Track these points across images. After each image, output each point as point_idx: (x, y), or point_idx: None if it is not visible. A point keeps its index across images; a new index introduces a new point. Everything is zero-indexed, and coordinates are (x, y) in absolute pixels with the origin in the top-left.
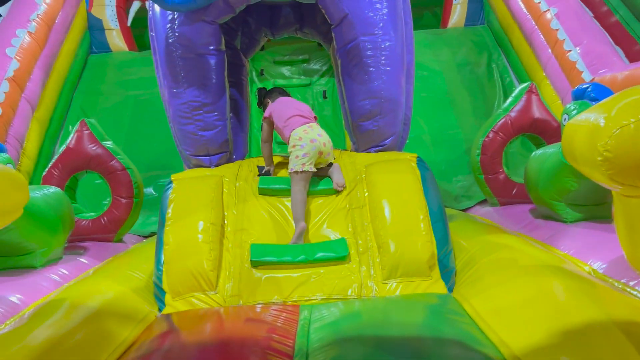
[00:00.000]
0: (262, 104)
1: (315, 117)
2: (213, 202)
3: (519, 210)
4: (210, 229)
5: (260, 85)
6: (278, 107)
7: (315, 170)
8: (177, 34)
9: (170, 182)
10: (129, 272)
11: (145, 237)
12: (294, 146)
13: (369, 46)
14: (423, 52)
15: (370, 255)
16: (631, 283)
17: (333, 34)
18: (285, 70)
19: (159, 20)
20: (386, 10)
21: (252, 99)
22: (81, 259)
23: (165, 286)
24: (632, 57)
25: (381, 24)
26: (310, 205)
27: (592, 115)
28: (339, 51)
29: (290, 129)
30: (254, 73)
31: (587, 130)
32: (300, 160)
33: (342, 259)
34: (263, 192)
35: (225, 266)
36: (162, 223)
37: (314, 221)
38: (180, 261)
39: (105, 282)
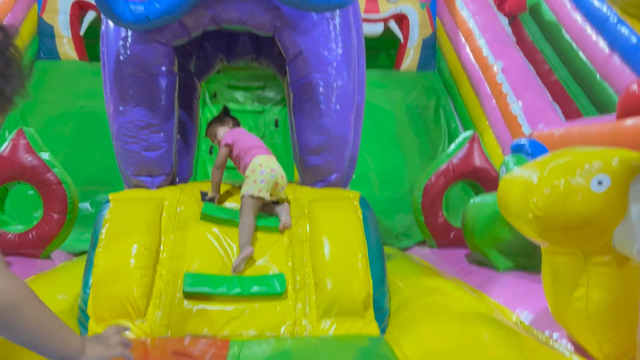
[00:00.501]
0: (211, 133)
1: (271, 153)
2: (150, 225)
3: (455, 254)
4: (144, 253)
5: (213, 109)
6: (238, 135)
7: (268, 199)
8: (128, 52)
9: (108, 201)
10: (52, 294)
11: (76, 255)
12: (253, 171)
13: (321, 84)
14: (375, 92)
15: (307, 292)
16: (554, 336)
17: (287, 68)
18: (239, 95)
19: (111, 35)
20: (341, 50)
21: (204, 123)
22: None
23: (90, 311)
24: (568, 115)
25: (335, 64)
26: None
27: (527, 172)
28: (292, 85)
29: (252, 156)
30: (206, 95)
31: (521, 186)
32: (258, 185)
33: (278, 295)
34: (205, 218)
35: (157, 294)
36: (94, 243)
37: (253, 254)
38: (108, 285)
39: None
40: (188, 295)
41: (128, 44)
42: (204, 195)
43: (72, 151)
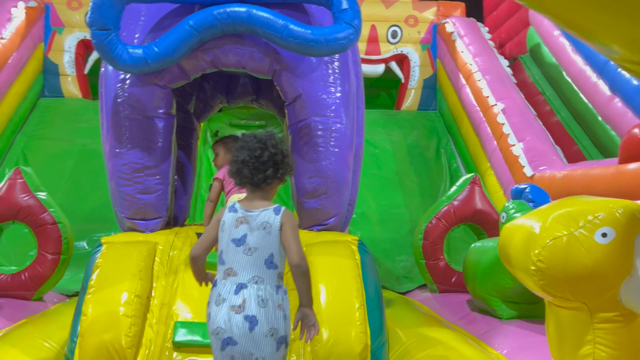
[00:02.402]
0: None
1: None
2: (142, 272)
3: (457, 299)
4: (135, 301)
5: None
6: None
7: None
8: (126, 94)
9: (100, 244)
10: (39, 341)
11: (69, 296)
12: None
13: (319, 127)
14: (376, 131)
15: (302, 343)
16: None
17: (286, 111)
18: (240, 134)
19: (110, 77)
20: (339, 94)
21: (206, 162)
22: None
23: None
24: (570, 157)
25: (333, 107)
26: None
27: (529, 222)
28: (290, 128)
29: (230, 194)
30: (208, 133)
31: (523, 236)
32: None
33: None
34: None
35: (146, 344)
36: (84, 289)
37: None
38: (96, 335)
39: (11, 352)
40: (178, 345)
41: (126, 86)
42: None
43: (71, 188)
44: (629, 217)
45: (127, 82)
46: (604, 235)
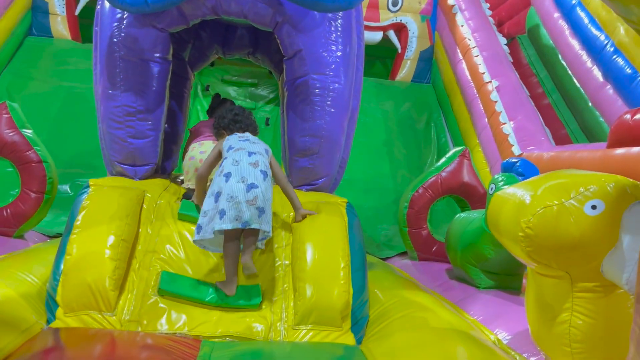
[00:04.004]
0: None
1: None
2: (129, 217)
3: (436, 267)
4: (120, 245)
5: (204, 102)
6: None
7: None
8: (122, 34)
9: (87, 186)
10: (20, 275)
11: (50, 237)
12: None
13: (317, 85)
14: (368, 100)
15: (284, 298)
16: (532, 359)
17: (284, 65)
18: (232, 90)
19: (106, 15)
20: (340, 53)
21: (194, 114)
22: None
23: (59, 298)
24: (557, 140)
25: (333, 66)
26: None
27: (519, 191)
28: (287, 84)
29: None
30: (199, 87)
31: (513, 204)
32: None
33: (254, 307)
34: (182, 217)
35: (129, 288)
36: (68, 229)
37: None
38: (80, 274)
39: None
40: (162, 293)
41: (123, 27)
42: (187, 197)
43: (56, 131)
44: (620, 191)
45: (124, 22)
46: (594, 207)
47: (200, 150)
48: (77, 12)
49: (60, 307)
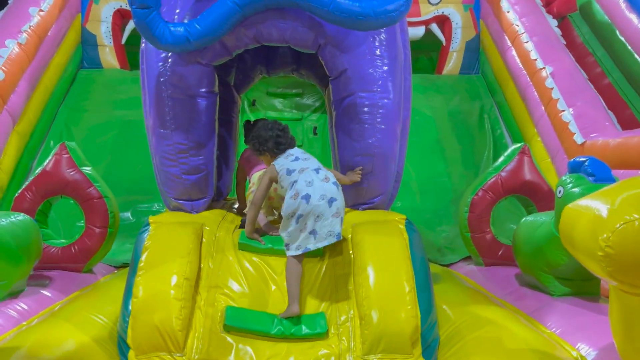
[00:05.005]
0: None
1: None
2: (190, 254)
3: (504, 273)
4: (184, 284)
5: (251, 116)
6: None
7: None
8: (168, 73)
9: (148, 224)
10: (92, 317)
11: (117, 267)
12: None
13: (366, 102)
14: (416, 97)
15: (352, 326)
16: None
17: (330, 86)
18: (278, 102)
19: (151, 54)
20: (386, 67)
21: (241, 129)
22: (44, 292)
23: (129, 341)
24: (623, 122)
25: (380, 82)
26: None
27: (594, 203)
28: (335, 103)
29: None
30: (245, 103)
31: (589, 219)
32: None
33: (321, 335)
34: (243, 247)
35: (196, 326)
36: (133, 269)
37: None
38: (147, 316)
39: (65, 327)
40: (228, 329)
41: (168, 65)
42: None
43: (113, 160)
44: None
45: (169, 60)
46: None
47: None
48: (123, 41)
49: (131, 350)
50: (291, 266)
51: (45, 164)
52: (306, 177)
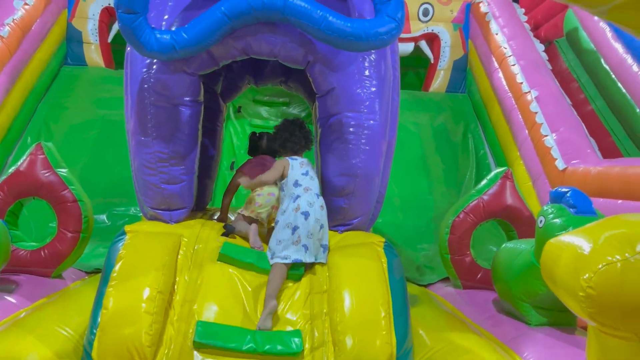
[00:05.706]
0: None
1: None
2: (165, 267)
3: (482, 297)
4: (157, 298)
5: (235, 122)
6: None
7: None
8: (152, 80)
9: (124, 232)
10: (57, 328)
11: (88, 273)
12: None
13: (352, 122)
14: (402, 113)
15: (325, 352)
16: None
17: (317, 103)
18: (264, 110)
19: (136, 59)
20: (375, 88)
21: (227, 137)
22: (9, 298)
23: (94, 354)
24: (604, 149)
25: (367, 102)
26: None
27: (577, 240)
28: (320, 121)
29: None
30: (230, 109)
31: (571, 257)
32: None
33: (294, 355)
34: (223, 259)
35: (166, 342)
36: (105, 279)
37: None
38: (116, 330)
39: (27, 339)
40: (198, 346)
41: (152, 72)
42: (229, 229)
43: (92, 160)
44: None
45: (154, 67)
46: None
47: (270, 191)
48: (109, 40)
49: None
50: (277, 270)
51: (19, 163)
52: (309, 198)
